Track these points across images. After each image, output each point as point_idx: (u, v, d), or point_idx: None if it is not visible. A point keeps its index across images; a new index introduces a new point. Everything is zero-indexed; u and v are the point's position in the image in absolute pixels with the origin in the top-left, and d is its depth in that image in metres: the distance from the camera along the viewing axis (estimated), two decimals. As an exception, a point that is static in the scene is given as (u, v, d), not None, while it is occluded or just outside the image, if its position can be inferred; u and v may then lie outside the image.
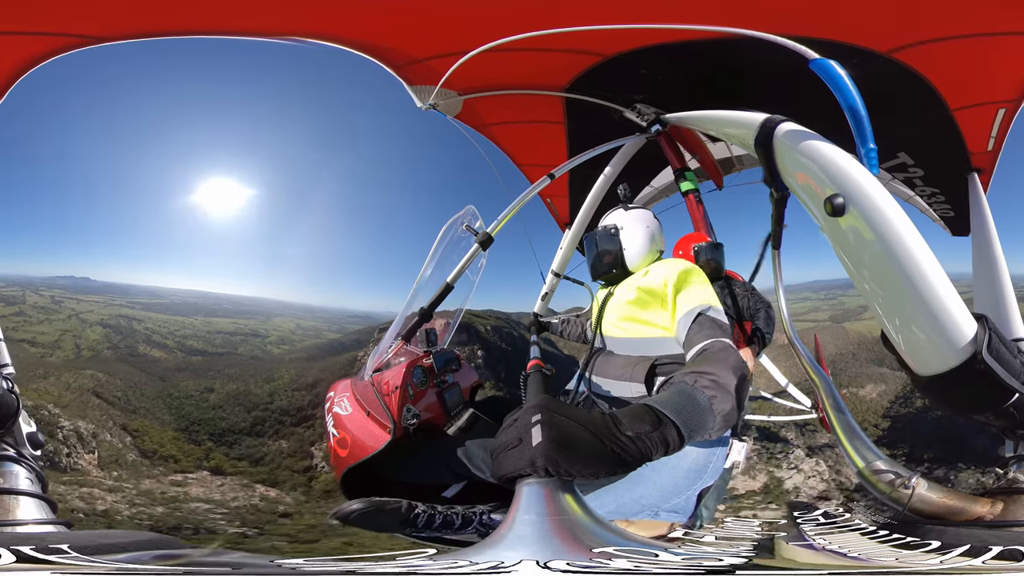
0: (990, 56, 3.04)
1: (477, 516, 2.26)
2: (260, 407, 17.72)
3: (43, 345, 22.66)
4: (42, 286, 30.68)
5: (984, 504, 1.60)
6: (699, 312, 2.08)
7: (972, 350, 1.40)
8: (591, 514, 1.16)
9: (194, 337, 26.73)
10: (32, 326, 24.43)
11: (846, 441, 2.03)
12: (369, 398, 2.71)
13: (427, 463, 2.64)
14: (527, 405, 1.31)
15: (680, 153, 4.35)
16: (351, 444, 2.58)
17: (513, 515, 1.13)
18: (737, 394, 1.55)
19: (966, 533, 1.38)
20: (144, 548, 1.43)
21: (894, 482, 1.69)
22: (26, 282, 31.03)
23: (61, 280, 34.08)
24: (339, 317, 38.74)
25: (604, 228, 2.71)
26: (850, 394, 18.74)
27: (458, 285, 3.31)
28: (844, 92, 1.63)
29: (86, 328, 25.19)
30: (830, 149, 1.52)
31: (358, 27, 3.25)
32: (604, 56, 3.52)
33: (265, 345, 27.55)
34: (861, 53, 2.98)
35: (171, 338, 25.95)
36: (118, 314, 27.69)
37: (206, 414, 17.44)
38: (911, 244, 1.41)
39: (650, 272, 2.44)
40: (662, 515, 2.10)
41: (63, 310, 27.06)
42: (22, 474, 2.13)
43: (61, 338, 23.76)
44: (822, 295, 29.53)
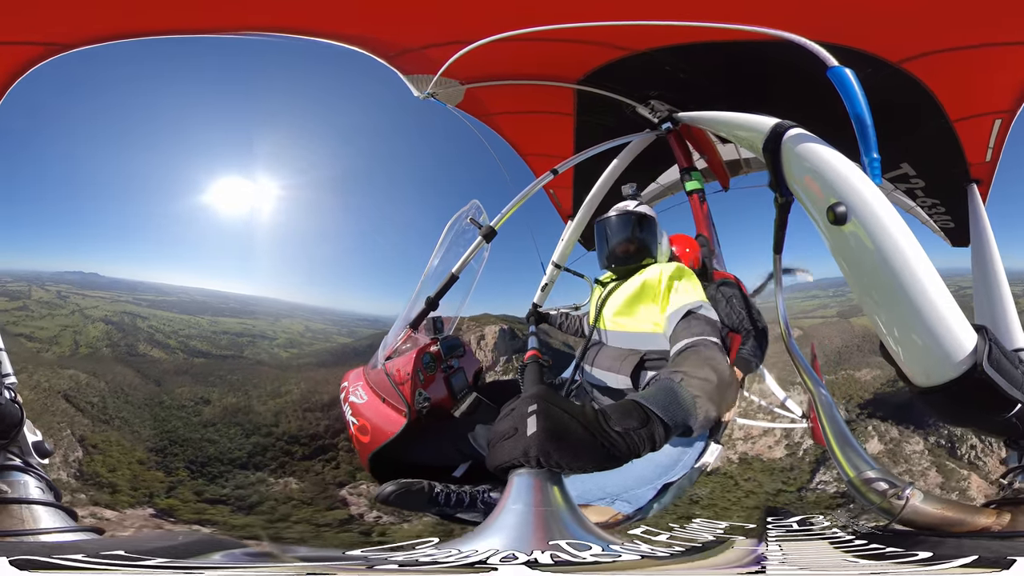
0: (986, 67, 3.06)
1: (480, 494, 2.36)
2: (262, 430, 14.77)
3: (40, 340, 21.96)
4: (49, 281, 30.21)
5: (988, 515, 1.57)
6: (689, 310, 2.12)
7: (972, 361, 1.41)
8: (572, 507, 1.20)
9: (199, 337, 26.01)
10: (33, 321, 23.88)
11: (838, 450, 2.03)
12: (383, 385, 2.84)
13: (438, 444, 2.77)
14: (524, 395, 1.33)
15: (688, 152, 4.34)
16: (371, 430, 2.71)
17: (503, 504, 1.17)
18: (719, 393, 1.56)
19: (970, 544, 1.37)
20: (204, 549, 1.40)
21: (886, 492, 1.69)
22: (34, 277, 30.42)
23: (69, 275, 33.65)
24: (349, 319, 38.26)
25: (641, 214, 2.75)
26: (847, 376, 20.60)
27: (463, 275, 3.42)
28: (853, 101, 1.63)
29: (88, 324, 24.64)
30: (835, 158, 1.53)
31: (349, 19, 3.25)
32: (629, 50, 3.52)
33: (272, 348, 26.81)
34: (875, 62, 2.98)
35: (174, 337, 25.23)
36: (123, 311, 27.13)
37: (193, 432, 14.71)
38: (911, 255, 1.42)
39: (647, 271, 2.51)
40: (617, 504, 2.16)
41: (67, 305, 26.58)
42: (31, 483, 2.09)
43: (60, 334, 23.15)
44: (830, 292, 30.10)
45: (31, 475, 2.12)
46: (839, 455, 2.01)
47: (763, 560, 1.32)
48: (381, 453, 2.68)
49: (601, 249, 2.87)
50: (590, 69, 3.85)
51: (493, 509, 1.21)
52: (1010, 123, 3.53)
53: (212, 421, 15.42)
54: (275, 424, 15.11)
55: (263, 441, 14.21)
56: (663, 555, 1.32)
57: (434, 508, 2.31)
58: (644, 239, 2.74)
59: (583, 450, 1.18)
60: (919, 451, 17.34)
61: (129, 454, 13.22)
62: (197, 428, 15.00)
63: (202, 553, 1.34)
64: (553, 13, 3.00)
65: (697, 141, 4.62)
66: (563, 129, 4.90)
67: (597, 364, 2.58)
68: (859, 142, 1.63)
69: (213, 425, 15.14)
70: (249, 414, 15.85)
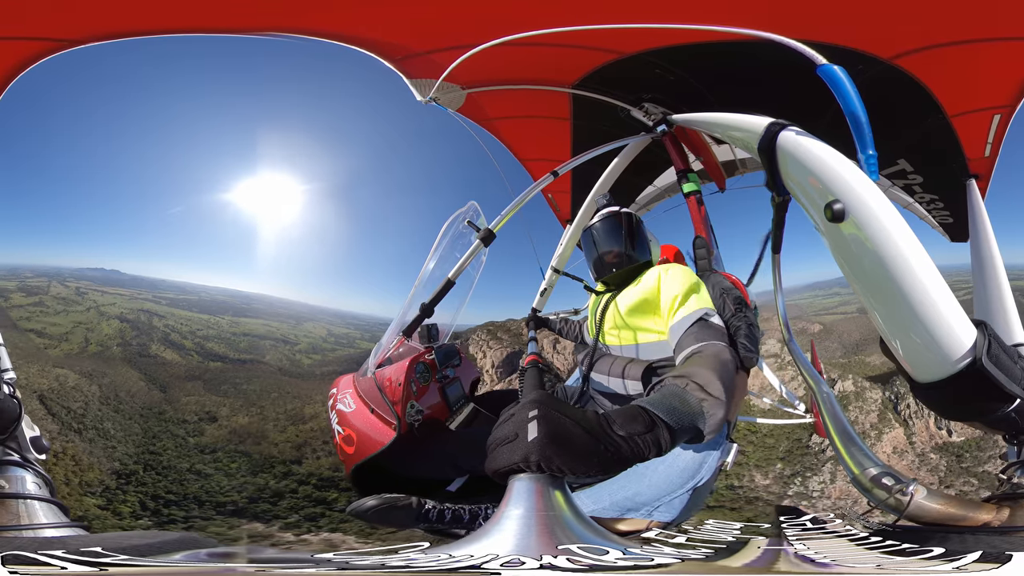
0: (985, 62, 3.07)
1: (482, 511, 2.30)
2: (276, 468, 10.54)
3: (50, 336, 21.52)
4: (70, 277, 29.86)
5: (988, 510, 1.57)
6: (696, 319, 2.10)
7: (972, 357, 1.41)
8: (577, 512, 1.17)
9: (217, 339, 25.06)
10: (47, 316, 23.41)
11: (842, 446, 2.03)
12: (372, 394, 2.71)
13: (431, 458, 2.66)
14: (524, 401, 1.31)
15: (684, 154, 4.35)
16: (357, 441, 2.59)
17: (502, 510, 1.15)
18: (727, 396, 1.55)
19: (973, 539, 1.37)
20: (178, 548, 1.39)
21: (891, 488, 1.68)
22: (55, 273, 30.10)
23: (90, 272, 33.35)
24: (371, 323, 37.43)
25: (631, 217, 2.70)
26: (859, 360, 24.22)
27: (459, 281, 3.29)
28: (846, 98, 1.64)
29: (102, 321, 24.08)
30: (831, 155, 1.54)
31: (355, 21, 3.26)
32: (620, 54, 3.53)
33: (294, 354, 25.70)
34: (866, 59, 2.99)
35: (191, 338, 24.41)
36: (140, 308, 26.53)
37: (182, 459, 11.40)
38: (909, 251, 1.42)
39: (643, 280, 2.48)
40: (655, 514, 2.13)
41: (84, 302, 26.17)
42: (28, 478, 2.10)
43: (72, 331, 22.65)
44: (850, 290, 32.00)
45: (28, 471, 2.13)
46: (843, 452, 2.01)
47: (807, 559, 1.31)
48: (368, 465, 2.56)
49: (590, 260, 2.80)
50: (584, 73, 3.86)
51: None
52: (1010, 118, 3.54)
53: (212, 446, 12.57)
54: (296, 459, 11.51)
55: (278, 485, 10.32)
56: (697, 557, 1.30)
57: (422, 525, 2.22)
58: (644, 242, 2.68)
59: (585, 454, 1.16)
60: (875, 398, 23.05)
61: (78, 474, 10.82)
62: (189, 454, 12.16)
63: (167, 552, 1.34)
64: (551, 16, 3.02)
65: (692, 143, 4.63)
66: (560, 134, 4.91)
67: (604, 372, 2.54)
68: (855, 139, 1.64)
69: (212, 452, 12.16)
70: (263, 441, 12.57)
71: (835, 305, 31.99)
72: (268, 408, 14.15)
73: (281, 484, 10.47)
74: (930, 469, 21.23)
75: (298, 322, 31.45)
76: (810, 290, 40.26)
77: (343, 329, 32.65)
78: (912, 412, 22.15)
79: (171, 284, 35.44)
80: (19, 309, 23.28)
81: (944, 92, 3.38)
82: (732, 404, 1.58)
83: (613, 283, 2.71)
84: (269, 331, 28.03)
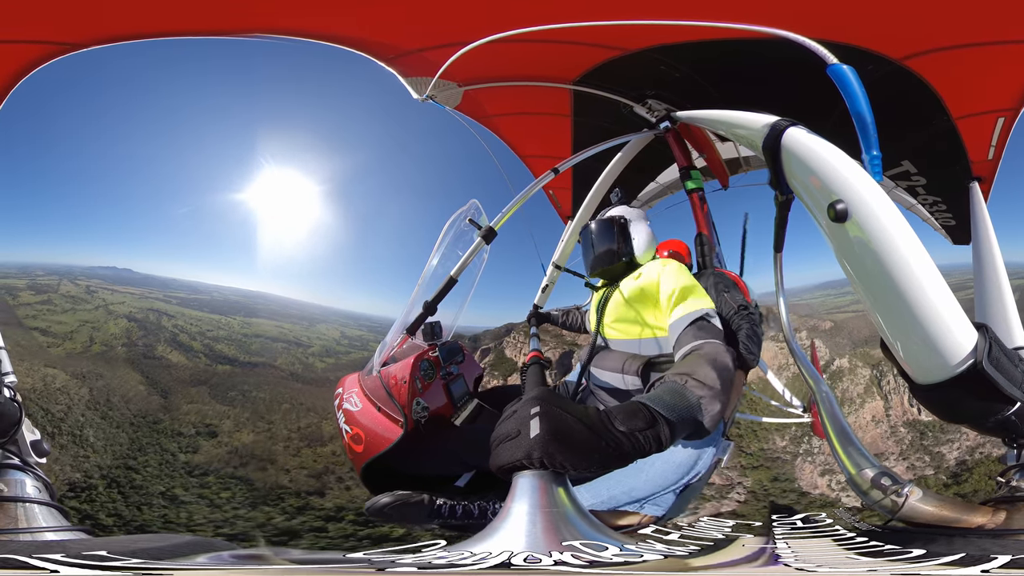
0: (990, 65, 3.06)
1: (490, 506, 2.34)
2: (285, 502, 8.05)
3: (55, 335, 21.11)
4: (81, 275, 29.35)
5: (984, 513, 1.58)
6: (696, 318, 2.12)
7: (972, 359, 1.41)
8: (579, 507, 1.19)
9: (227, 340, 24.17)
10: (53, 315, 22.92)
11: (839, 446, 2.04)
12: (378, 392, 2.74)
13: (438, 455, 2.70)
14: (526, 397, 1.32)
15: (687, 151, 4.34)
16: (365, 439, 2.62)
17: (508, 507, 1.16)
18: (725, 394, 1.58)
19: (961, 542, 1.38)
20: (194, 551, 1.39)
21: (887, 489, 1.69)
22: (65, 271, 29.54)
23: (102, 271, 32.83)
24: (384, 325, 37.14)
25: (612, 219, 2.75)
26: (863, 352, 26.61)
27: (461, 279, 3.32)
28: (853, 98, 1.63)
29: (109, 320, 23.48)
30: (835, 155, 1.53)
31: (347, 22, 3.25)
32: (624, 50, 3.52)
33: (307, 357, 24.74)
34: (877, 59, 2.98)
35: (200, 339, 23.71)
36: (149, 307, 25.85)
37: (161, 479, 9.00)
38: (910, 253, 1.41)
39: (643, 274, 2.50)
40: (646, 508, 2.16)
41: (93, 300, 25.66)
42: (28, 482, 2.10)
43: (78, 329, 22.30)
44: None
45: (28, 474, 2.13)
46: (840, 452, 2.02)
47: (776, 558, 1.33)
48: (376, 463, 2.59)
49: (586, 260, 2.91)
50: (585, 69, 3.84)
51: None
52: (1013, 121, 3.53)
53: (204, 467, 10.01)
54: (318, 490, 8.97)
55: (287, 522, 7.71)
56: (682, 554, 1.32)
57: (436, 520, 2.27)
58: (626, 242, 2.73)
59: (587, 450, 1.18)
60: (865, 374, 25.75)
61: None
62: (173, 473, 9.75)
63: (187, 555, 1.33)
64: (548, 14, 3.01)
65: (696, 140, 4.62)
66: (561, 130, 4.90)
67: (603, 367, 2.59)
68: (860, 139, 1.63)
69: (202, 475, 9.58)
70: (269, 464, 9.89)
71: (847, 304, 32.81)
72: (278, 424, 12.29)
73: (294, 521, 8.16)
74: (896, 441, 23.12)
75: (311, 323, 30.97)
76: (822, 289, 40.53)
77: (356, 331, 32.09)
78: (891, 388, 24.84)
79: (183, 283, 34.87)
80: (26, 307, 22.94)
81: (950, 94, 3.37)
82: (729, 401, 1.59)
83: (607, 277, 2.78)
84: (281, 333, 27.43)
